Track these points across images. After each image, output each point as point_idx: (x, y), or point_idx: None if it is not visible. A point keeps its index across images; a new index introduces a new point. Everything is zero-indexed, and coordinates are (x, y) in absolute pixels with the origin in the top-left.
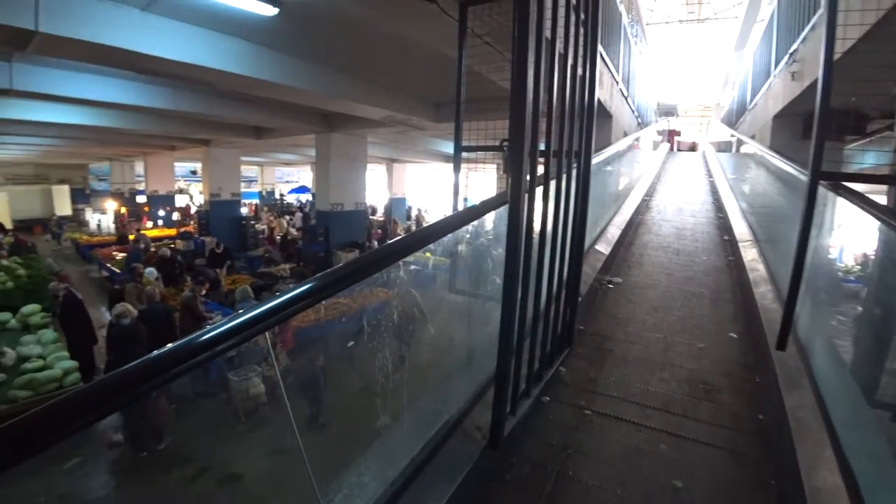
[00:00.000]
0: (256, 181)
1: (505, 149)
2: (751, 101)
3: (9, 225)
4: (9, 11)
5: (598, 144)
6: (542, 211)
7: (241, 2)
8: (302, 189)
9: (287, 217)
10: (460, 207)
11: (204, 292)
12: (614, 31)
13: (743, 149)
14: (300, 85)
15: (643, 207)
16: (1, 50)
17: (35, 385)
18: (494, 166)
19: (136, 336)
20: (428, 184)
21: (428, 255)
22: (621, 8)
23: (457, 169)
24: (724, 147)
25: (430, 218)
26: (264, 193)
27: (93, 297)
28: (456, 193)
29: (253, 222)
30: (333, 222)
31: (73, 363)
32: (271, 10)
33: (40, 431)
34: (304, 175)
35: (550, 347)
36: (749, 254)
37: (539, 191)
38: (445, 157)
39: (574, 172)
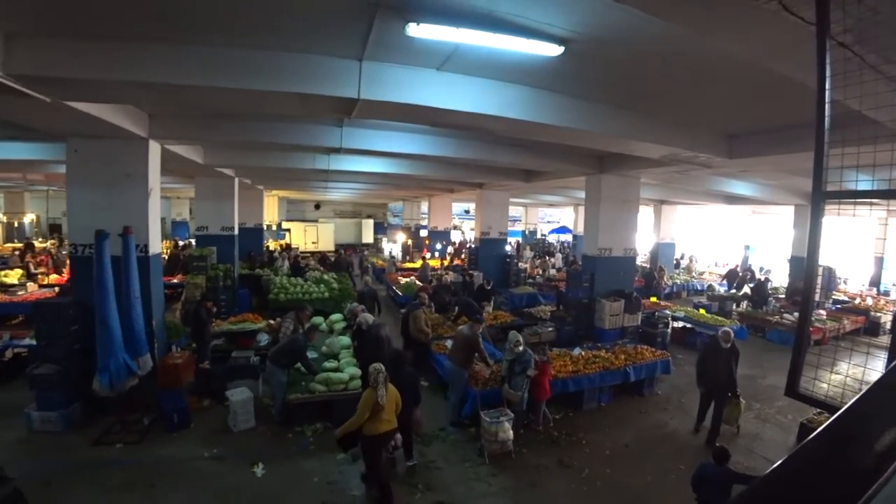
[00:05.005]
0: (520, 220)
1: None
2: None
3: (332, 247)
4: (341, 86)
5: None
6: None
7: (528, 45)
8: (562, 230)
9: (548, 257)
10: (770, 261)
11: (480, 329)
12: None
13: None
14: (575, 125)
15: None
16: (335, 118)
17: (329, 383)
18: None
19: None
20: (700, 227)
21: (702, 311)
22: None
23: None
24: None
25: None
26: (527, 233)
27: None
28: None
29: (516, 260)
30: (599, 268)
31: (356, 370)
32: (557, 50)
33: None
34: (565, 215)
35: None
36: None
37: None
38: (727, 198)
39: None
